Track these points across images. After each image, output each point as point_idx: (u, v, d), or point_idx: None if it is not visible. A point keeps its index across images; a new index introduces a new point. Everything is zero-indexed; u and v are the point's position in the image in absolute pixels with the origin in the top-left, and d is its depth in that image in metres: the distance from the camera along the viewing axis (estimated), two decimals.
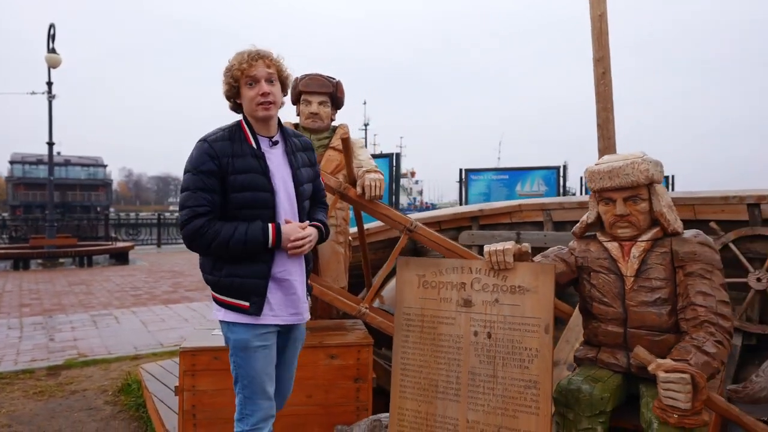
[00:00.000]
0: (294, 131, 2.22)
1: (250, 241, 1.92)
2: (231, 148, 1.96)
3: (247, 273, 1.97)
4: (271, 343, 2.05)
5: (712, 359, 1.93)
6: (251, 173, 1.96)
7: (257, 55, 1.96)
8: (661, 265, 2.18)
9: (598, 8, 3.14)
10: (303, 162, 2.14)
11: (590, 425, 2.05)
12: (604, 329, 2.27)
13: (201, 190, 1.92)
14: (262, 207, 1.98)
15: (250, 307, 1.97)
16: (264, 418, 2.04)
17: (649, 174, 2.16)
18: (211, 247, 1.93)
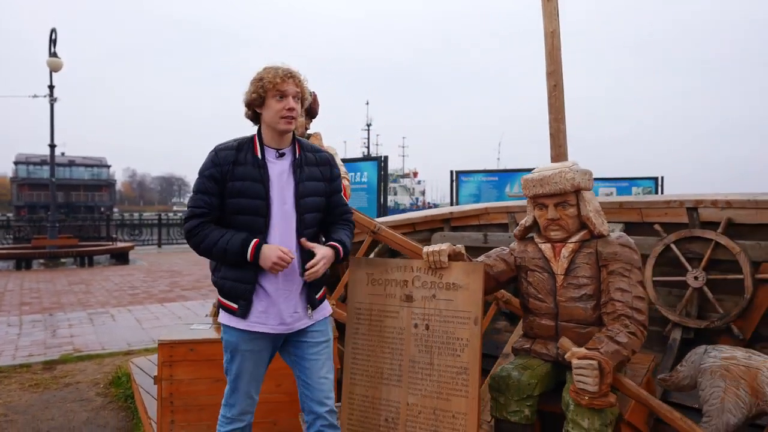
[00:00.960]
0: (313, 146, 2.28)
1: (229, 251, 2.01)
2: (235, 156, 2.08)
3: (237, 277, 2.07)
4: (260, 348, 2.14)
5: (623, 348, 2.16)
6: (248, 181, 2.06)
7: (290, 74, 2.09)
8: (587, 264, 2.41)
9: (550, 26, 3.37)
10: (311, 176, 2.18)
11: (518, 408, 2.28)
12: (538, 323, 2.51)
13: (201, 192, 2.06)
14: (254, 214, 2.06)
15: (238, 310, 2.08)
16: (243, 412, 2.20)
17: (575, 182, 2.39)
18: (200, 248, 2.07)
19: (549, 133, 3.45)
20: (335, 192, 2.29)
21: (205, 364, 3.01)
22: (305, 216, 2.13)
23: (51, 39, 14.59)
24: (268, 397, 3.04)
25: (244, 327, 2.09)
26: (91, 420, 3.84)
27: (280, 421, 3.07)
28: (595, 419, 2.09)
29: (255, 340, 2.12)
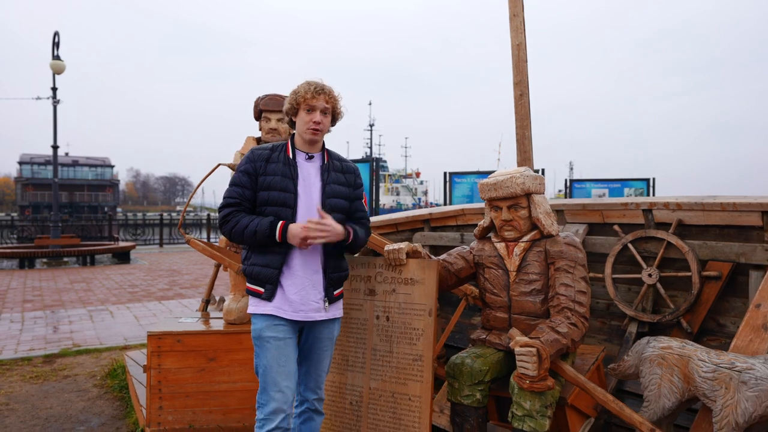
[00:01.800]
0: (340, 157, 2.49)
1: (259, 232, 2.18)
2: (269, 155, 2.31)
3: (264, 262, 2.24)
4: (284, 336, 2.23)
5: (562, 337, 2.38)
6: (279, 176, 2.26)
7: (321, 90, 2.29)
8: (537, 261, 2.64)
9: (516, 39, 3.59)
10: (337, 180, 2.38)
11: (470, 392, 2.50)
12: (494, 315, 2.73)
13: (235, 185, 2.29)
14: (283, 205, 2.24)
15: (264, 293, 2.24)
16: (275, 411, 2.19)
17: (525, 186, 2.61)
18: (231, 233, 2.26)
19: (515, 138, 3.68)
20: (357, 198, 2.48)
21: (191, 355, 3.24)
22: (330, 214, 2.27)
23: (54, 42, 14.87)
24: (249, 385, 3.28)
25: (271, 312, 2.23)
26: (87, 409, 4.07)
27: None
28: (536, 401, 2.32)
29: (278, 326, 2.23)
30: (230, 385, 3.26)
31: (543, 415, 2.32)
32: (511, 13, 3.62)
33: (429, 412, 2.41)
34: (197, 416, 3.24)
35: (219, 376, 3.25)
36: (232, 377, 3.27)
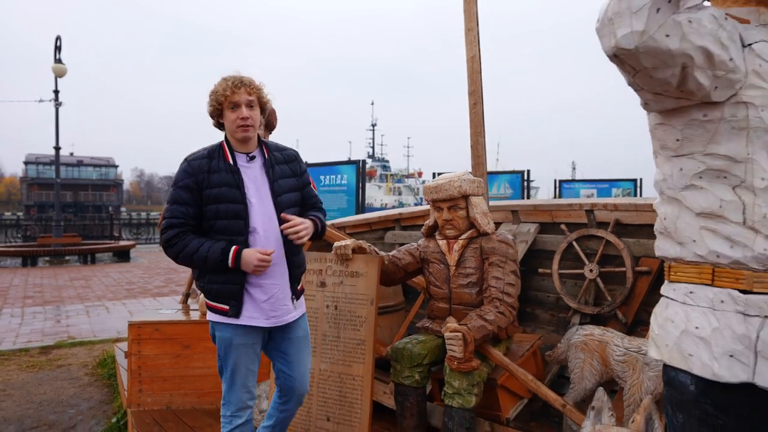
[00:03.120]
0: (278, 145, 2.39)
1: (210, 259, 2.08)
2: (209, 164, 2.14)
3: (225, 279, 2.13)
4: (252, 342, 2.22)
5: (488, 324, 2.67)
6: (224, 187, 2.12)
7: (240, 83, 2.14)
8: (473, 257, 2.93)
9: (471, 52, 3.87)
10: (283, 173, 2.28)
11: (410, 373, 2.80)
12: (437, 306, 3.02)
13: (176, 203, 2.12)
14: (234, 217, 2.13)
15: (229, 310, 2.15)
16: (242, 408, 2.24)
17: (462, 189, 2.90)
18: (178, 258, 2.12)
19: (470, 144, 3.97)
20: (306, 185, 2.41)
21: (168, 342, 3.55)
22: (285, 212, 2.23)
23: (56, 46, 15.23)
24: None
25: (240, 322, 2.17)
26: (78, 394, 4.39)
27: None
28: (463, 380, 2.61)
29: (248, 334, 2.20)
30: (204, 370, 3.57)
31: (470, 392, 2.61)
32: (466, 27, 3.90)
33: (370, 390, 2.71)
34: (174, 398, 3.55)
35: (194, 362, 3.56)
36: (206, 363, 3.57)
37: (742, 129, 1.21)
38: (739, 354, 1.19)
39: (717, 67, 1.15)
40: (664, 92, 1.21)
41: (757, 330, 1.19)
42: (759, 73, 1.19)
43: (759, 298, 1.20)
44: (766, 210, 1.18)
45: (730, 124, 1.22)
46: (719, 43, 1.14)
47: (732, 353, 1.20)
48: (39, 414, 3.96)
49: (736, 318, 1.21)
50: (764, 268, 1.20)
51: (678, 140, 1.30)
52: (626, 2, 1.09)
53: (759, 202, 1.19)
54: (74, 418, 3.91)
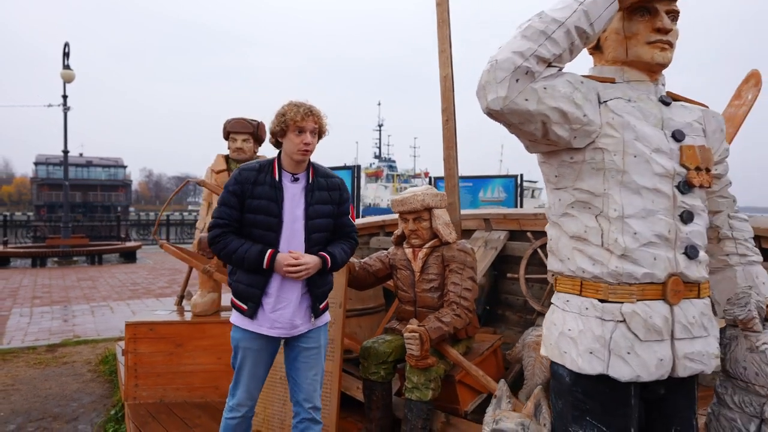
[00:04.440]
0: (326, 172, 2.52)
1: (248, 260, 2.26)
2: (256, 177, 2.34)
3: (249, 281, 2.33)
4: (258, 348, 2.38)
5: (444, 325, 2.95)
6: (265, 199, 2.31)
7: (310, 112, 2.33)
8: (435, 264, 3.21)
9: (444, 71, 4.15)
10: (321, 199, 2.42)
11: (376, 370, 3.08)
12: (403, 308, 3.31)
13: (224, 205, 2.33)
14: (268, 229, 2.31)
15: (247, 310, 2.34)
16: (242, 404, 2.42)
17: (425, 203, 3.19)
18: (221, 254, 2.32)
19: (443, 158, 4.25)
20: (343, 214, 2.55)
21: (162, 341, 3.86)
22: (313, 235, 2.38)
23: (64, 52, 15.63)
24: (210, 367, 3.89)
25: (248, 327, 2.36)
26: (81, 389, 4.71)
27: (221, 386, 3.90)
28: (421, 376, 2.89)
29: (255, 340, 2.37)
30: (195, 366, 3.87)
31: (427, 387, 2.89)
32: (440, 48, 4.18)
33: (338, 384, 3.00)
34: (167, 392, 3.85)
35: (185, 359, 3.86)
36: (197, 360, 3.88)
37: (600, 169, 1.49)
38: (597, 351, 1.48)
39: (572, 122, 1.44)
40: (535, 140, 1.50)
41: (611, 332, 1.47)
42: (612, 125, 1.47)
43: (613, 306, 1.48)
44: (617, 235, 1.47)
45: (590, 165, 1.50)
46: (573, 103, 1.42)
47: (592, 351, 1.49)
48: (44, 407, 4.28)
49: (596, 322, 1.50)
50: (617, 281, 1.48)
51: (556, 176, 1.59)
52: (493, 74, 1.38)
53: (612, 228, 1.48)
54: (77, 410, 4.22)
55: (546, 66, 1.39)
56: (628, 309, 1.46)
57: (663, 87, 1.62)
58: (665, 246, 1.47)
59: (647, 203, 1.47)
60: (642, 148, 1.47)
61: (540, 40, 1.37)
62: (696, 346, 1.49)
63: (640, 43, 1.54)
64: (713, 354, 1.52)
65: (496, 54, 1.40)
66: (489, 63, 1.40)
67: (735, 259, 1.74)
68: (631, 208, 1.46)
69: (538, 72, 1.38)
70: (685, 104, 1.64)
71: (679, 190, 1.49)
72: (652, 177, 1.47)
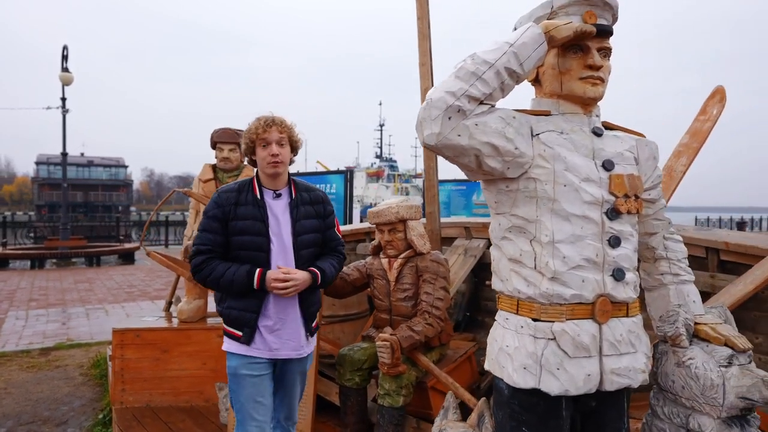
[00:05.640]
0: (307, 186, 2.49)
1: (236, 282, 2.20)
2: (237, 197, 2.28)
3: (242, 306, 2.26)
4: (260, 373, 2.29)
5: (416, 334, 3.06)
6: (249, 219, 2.25)
7: (272, 122, 2.27)
8: (410, 274, 3.31)
9: (425, 83, 4.26)
10: (307, 214, 2.38)
11: (351, 376, 3.19)
12: (379, 317, 3.42)
13: (206, 231, 2.26)
14: (257, 250, 2.25)
15: (242, 336, 2.26)
16: None
17: (399, 215, 3.29)
18: (207, 281, 2.25)
19: (423, 168, 4.36)
20: (329, 228, 2.52)
21: (148, 347, 3.97)
22: (302, 252, 2.34)
23: (63, 55, 15.75)
24: (195, 372, 4.00)
25: (247, 352, 2.27)
26: (72, 393, 4.83)
27: (205, 391, 4.01)
28: (392, 383, 3.00)
29: (255, 365, 2.28)
30: (180, 372, 3.98)
31: (398, 394, 3.00)
32: (420, 62, 4.29)
33: (313, 388, 3.12)
34: (153, 397, 3.97)
35: (171, 364, 3.98)
36: (182, 366, 3.99)
37: (533, 198, 1.60)
38: (530, 367, 1.59)
39: (504, 155, 1.54)
40: (471, 170, 1.61)
41: (542, 349, 1.58)
42: (543, 156, 1.58)
43: (544, 324, 1.59)
44: (548, 259, 1.57)
45: (524, 193, 1.61)
46: (504, 138, 1.53)
47: (525, 366, 1.59)
48: (35, 410, 4.39)
49: (529, 340, 1.60)
50: (548, 302, 1.59)
51: (495, 202, 1.70)
52: (428, 112, 1.49)
53: (544, 252, 1.58)
54: (66, 414, 4.34)
55: (478, 104, 1.50)
56: (558, 328, 1.57)
57: (597, 118, 1.72)
58: (593, 269, 1.58)
59: (576, 229, 1.57)
60: (572, 178, 1.58)
61: (471, 81, 1.48)
62: (623, 362, 1.60)
63: (573, 78, 1.64)
64: (640, 369, 1.63)
65: (431, 92, 1.51)
66: (426, 101, 1.51)
67: (669, 279, 1.84)
68: (560, 234, 1.57)
69: (470, 110, 1.49)
70: (618, 134, 1.75)
71: (607, 217, 1.60)
72: (581, 205, 1.58)
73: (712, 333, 1.70)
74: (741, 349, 1.64)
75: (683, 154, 3.36)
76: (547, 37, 1.54)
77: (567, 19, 1.61)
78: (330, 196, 9.36)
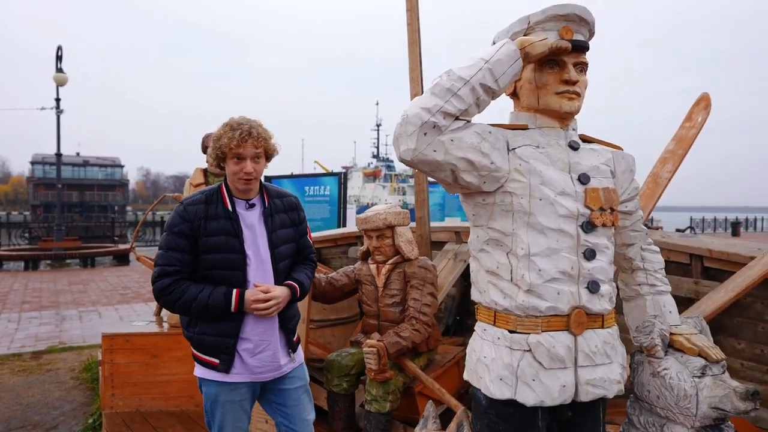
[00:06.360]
0: (279, 191, 2.28)
1: (211, 306, 1.97)
2: (206, 210, 2.04)
3: (217, 332, 2.04)
4: (240, 399, 2.13)
5: (403, 340, 3.08)
6: (222, 235, 2.02)
7: (247, 135, 2.00)
8: (398, 279, 3.34)
9: (414, 89, 4.29)
10: (282, 223, 2.19)
11: (339, 382, 3.21)
12: (368, 322, 3.44)
13: (172, 249, 2.00)
14: (231, 268, 2.03)
15: (219, 365, 2.06)
16: None
17: (387, 221, 3.31)
18: (175, 306, 2.02)
19: (413, 172, 4.37)
20: (302, 235, 2.35)
21: (137, 352, 3.98)
22: (280, 265, 2.16)
23: (57, 56, 15.71)
24: (185, 377, 4.00)
25: (225, 379, 2.09)
26: (63, 397, 4.83)
27: (195, 395, 4.02)
28: (379, 388, 3.02)
29: (235, 390, 2.12)
30: (170, 376, 4.00)
31: (385, 399, 3.02)
32: (410, 67, 4.31)
33: None
34: (143, 402, 3.98)
35: (161, 369, 3.99)
36: (172, 370, 4.00)
37: (509, 211, 1.62)
38: (506, 378, 1.61)
39: (480, 170, 1.56)
40: (448, 185, 1.63)
41: (518, 360, 1.60)
42: (519, 171, 1.60)
43: (520, 336, 1.61)
44: (524, 272, 1.59)
45: (500, 207, 1.63)
46: (480, 153, 1.55)
47: (502, 377, 1.61)
48: (25, 415, 4.40)
49: (505, 351, 1.63)
50: (524, 314, 1.61)
51: (473, 215, 1.72)
52: (404, 128, 1.51)
53: (520, 265, 1.60)
54: (57, 418, 4.34)
55: (453, 119, 1.52)
56: (533, 339, 1.59)
57: (574, 132, 1.75)
58: (569, 281, 1.60)
59: (552, 242, 1.59)
60: (547, 192, 1.60)
61: (446, 97, 1.50)
62: (598, 373, 1.62)
63: (549, 93, 1.66)
64: (615, 380, 1.65)
65: (408, 108, 1.52)
66: (401, 116, 1.53)
67: (645, 289, 1.86)
68: (536, 247, 1.59)
69: (445, 126, 1.50)
70: (595, 147, 1.77)
71: (582, 230, 1.62)
72: (556, 218, 1.60)
73: (686, 344, 1.72)
74: (714, 360, 1.67)
75: (669, 160, 3.39)
76: (522, 54, 1.57)
77: (543, 35, 1.63)
78: (324, 199, 9.34)
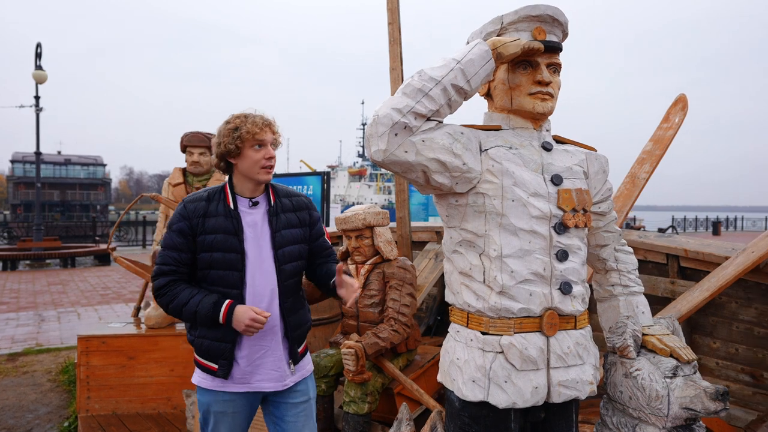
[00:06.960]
0: (288, 191, 2.20)
1: (200, 313, 1.90)
2: (206, 208, 1.98)
3: (216, 335, 1.96)
4: (233, 411, 2.03)
5: (381, 341, 3.06)
6: (221, 233, 1.95)
7: (267, 122, 1.99)
8: (377, 280, 3.32)
9: (395, 87, 4.27)
10: (289, 223, 2.09)
11: (317, 383, 3.19)
12: (347, 323, 3.42)
13: (170, 248, 1.95)
14: (229, 268, 1.95)
15: (218, 370, 1.97)
16: None
17: (366, 221, 3.29)
18: (168, 309, 1.96)
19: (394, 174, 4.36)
20: (319, 236, 2.24)
21: (113, 354, 3.92)
22: (284, 267, 2.04)
23: (36, 53, 15.46)
24: (162, 379, 3.96)
25: (221, 388, 2.01)
26: (39, 400, 4.74)
27: (173, 398, 3.98)
28: (357, 390, 3.00)
29: (230, 401, 2.03)
30: (147, 379, 3.94)
31: (363, 401, 3.00)
32: (391, 66, 4.30)
33: None
34: (119, 404, 3.92)
35: (138, 371, 3.93)
36: (149, 372, 3.95)
37: (481, 212, 1.61)
38: (479, 380, 1.60)
39: (452, 171, 1.55)
40: (421, 186, 1.62)
41: (491, 362, 1.59)
42: (492, 172, 1.59)
43: (492, 338, 1.60)
44: (497, 273, 1.59)
45: (473, 208, 1.62)
46: (452, 154, 1.54)
47: (474, 379, 1.61)
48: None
49: (478, 353, 1.62)
50: (497, 316, 1.60)
51: (446, 216, 1.71)
52: (375, 128, 1.49)
53: (492, 267, 1.60)
54: (32, 422, 4.26)
55: (424, 120, 1.51)
56: (506, 341, 1.58)
57: (548, 132, 1.74)
58: (541, 283, 1.59)
59: (524, 244, 1.59)
60: (520, 193, 1.59)
61: (417, 98, 1.48)
62: (570, 374, 1.62)
63: (522, 94, 1.66)
64: (587, 381, 1.65)
65: (379, 108, 1.51)
66: (372, 116, 1.51)
67: (619, 290, 1.87)
68: (508, 248, 1.58)
69: (416, 126, 1.49)
70: (569, 148, 1.77)
71: (555, 231, 1.62)
72: (529, 219, 1.59)
73: (658, 344, 1.73)
74: (685, 361, 1.67)
75: (646, 161, 3.41)
76: (494, 54, 1.56)
77: (516, 35, 1.63)
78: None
